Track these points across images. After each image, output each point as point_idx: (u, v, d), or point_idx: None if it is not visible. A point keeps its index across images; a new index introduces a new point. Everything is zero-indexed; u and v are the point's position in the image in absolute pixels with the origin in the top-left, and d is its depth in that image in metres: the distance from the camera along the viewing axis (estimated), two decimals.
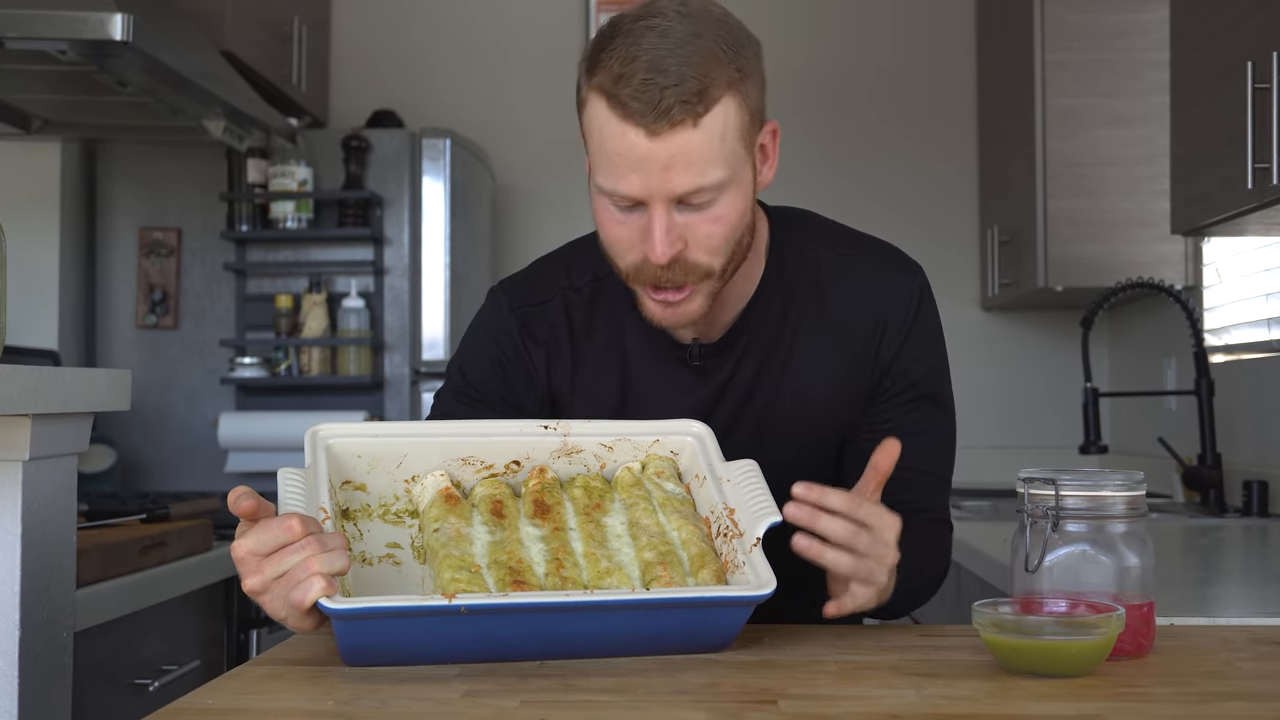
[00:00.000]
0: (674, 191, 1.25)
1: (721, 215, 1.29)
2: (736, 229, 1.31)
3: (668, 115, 1.23)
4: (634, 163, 1.25)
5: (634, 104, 1.23)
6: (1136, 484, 1.21)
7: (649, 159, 1.24)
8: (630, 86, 1.23)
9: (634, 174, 1.25)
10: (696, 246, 1.29)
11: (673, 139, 1.24)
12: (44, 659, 1.57)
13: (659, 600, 1.15)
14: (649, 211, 1.27)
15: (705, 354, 1.43)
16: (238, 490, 1.12)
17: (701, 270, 1.31)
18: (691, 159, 1.24)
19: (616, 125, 1.25)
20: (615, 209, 1.31)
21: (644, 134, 1.24)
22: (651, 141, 1.24)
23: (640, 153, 1.24)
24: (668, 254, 1.27)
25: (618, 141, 1.25)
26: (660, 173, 1.25)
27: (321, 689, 1.08)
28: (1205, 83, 2.33)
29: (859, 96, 4.07)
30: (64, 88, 2.77)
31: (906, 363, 1.43)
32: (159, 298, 3.41)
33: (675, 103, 1.22)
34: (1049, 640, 1.10)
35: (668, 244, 1.27)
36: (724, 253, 1.31)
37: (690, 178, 1.25)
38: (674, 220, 1.28)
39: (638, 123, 1.23)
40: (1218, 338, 3.18)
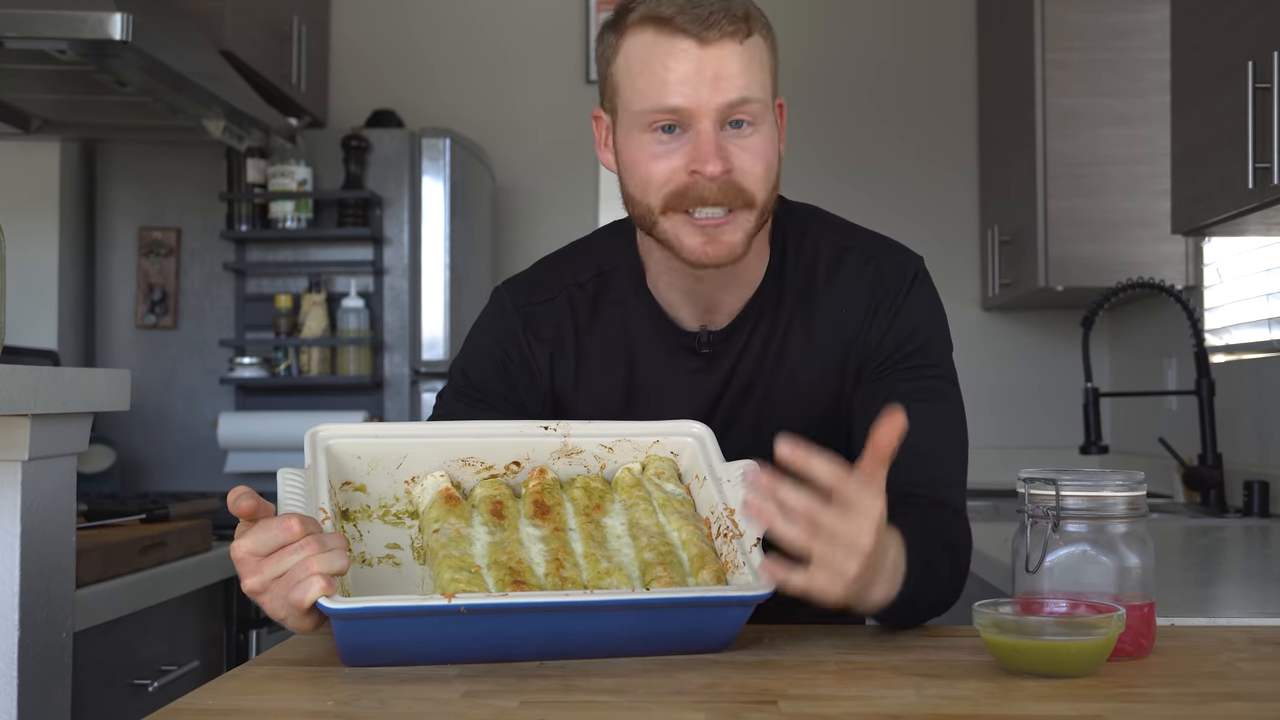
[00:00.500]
0: (725, 99, 1.29)
1: (760, 146, 1.32)
2: (773, 168, 1.34)
3: (718, 25, 1.29)
4: (685, 74, 1.29)
5: (682, 18, 1.29)
6: (1137, 484, 1.21)
7: (700, 68, 1.29)
8: (676, 5, 1.30)
9: (684, 85, 1.29)
10: (740, 171, 1.31)
11: (722, 48, 1.29)
12: (43, 659, 1.57)
13: (659, 600, 1.15)
14: (695, 130, 1.30)
15: (714, 340, 1.43)
16: (237, 490, 1.12)
17: (745, 195, 1.32)
18: (742, 69, 1.30)
19: (665, 43, 1.30)
20: (655, 141, 1.32)
21: (695, 43, 1.29)
22: (702, 49, 1.29)
23: (692, 62, 1.29)
24: (719, 167, 1.29)
25: (667, 57, 1.30)
26: (711, 81, 1.29)
27: (321, 689, 1.08)
28: (1206, 82, 2.33)
29: (859, 96, 4.07)
30: (63, 87, 2.77)
31: (899, 335, 1.41)
32: (158, 298, 3.41)
33: (724, 15, 1.29)
34: (1049, 641, 1.10)
35: (719, 157, 1.29)
36: (764, 185, 1.33)
37: (739, 87, 1.29)
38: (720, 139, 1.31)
39: (689, 33, 1.29)
40: (1218, 338, 3.18)
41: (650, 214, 1.35)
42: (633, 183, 1.35)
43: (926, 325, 1.43)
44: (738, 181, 1.31)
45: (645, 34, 1.31)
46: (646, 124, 1.32)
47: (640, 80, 1.31)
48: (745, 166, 1.32)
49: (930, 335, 1.43)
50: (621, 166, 1.37)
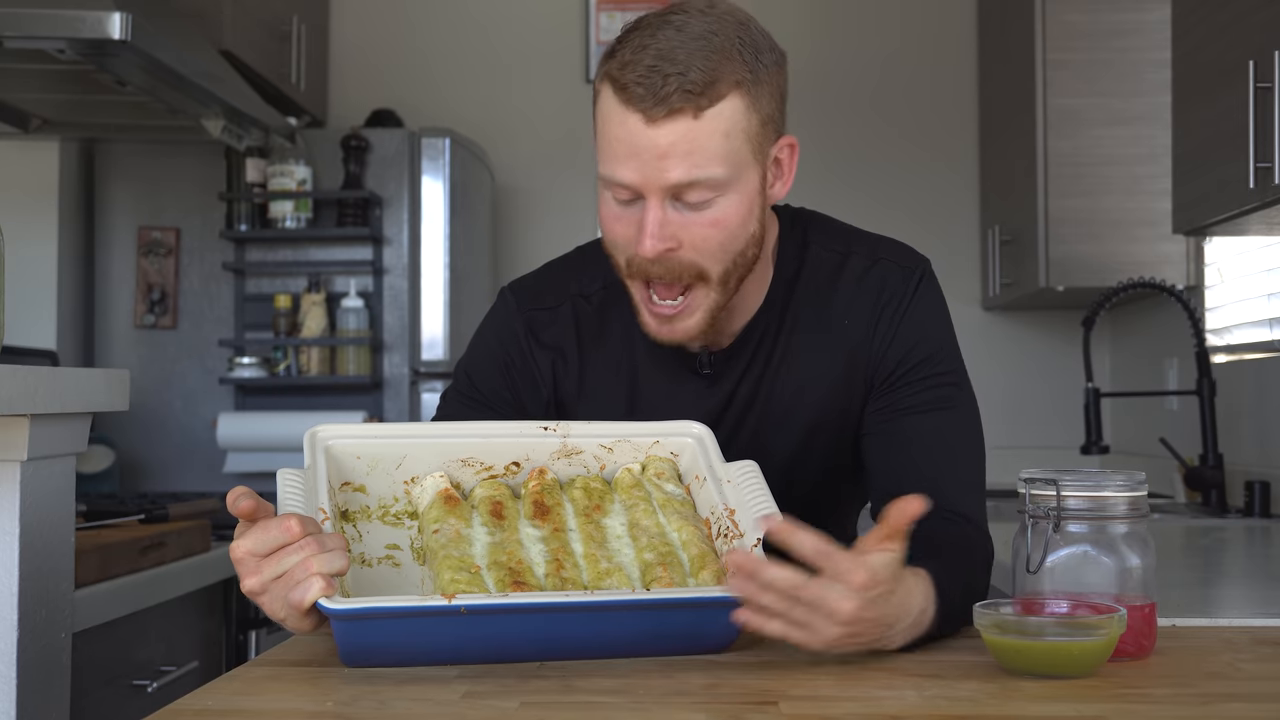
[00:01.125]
0: (668, 181, 1.25)
1: (719, 219, 1.28)
2: (736, 237, 1.30)
3: (666, 102, 1.22)
4: (632, 149, 1.25)
5: (636, 89, 1.23)
6: (1138, 484, 1.21)
7: (646, 146, 1.24)
8: (635, 72, 1.23)
9: (631, 160, 1.25)
10: (691, 247, 1.28)
11: (671, 127, 1.23)
12: (42, 660, 1.57)
13: (659, 600, 1.15)
14: (644, 204, 1.27)
15: (715, 362, 1.42)
16: (236, 490, 1.12)
17: (694, 271, 1.29)
18: (689, 150, 1.24)
19: (619, 111, 1.25)
20: (615, 203, 1.30)
21: (642, 120, 1.24)
22: (649, 128, 1.24)
23: (638, 139, 1.24)
24: (656, 249, 1.26)
25: (618, 127, 1.25)
26: (656, 161, 1.24)
27: (321, 690, 1.08)
28: (1207, 82, 2.33)
29: (860, 96, 4.07)
30: (62, 87, 2.77)
31: (905, 346, 1.40)
32: (157, 297, 3.40)
33: (676, 90, 1.22)
34: (1050, 641, 1.09)
35: (658, 238, 1.26)
36: (720, 259, 1.30)
37: (686, 169, 1.24)
38: (668, 216, 1.27)
39: (637, 108, 1.23)
40: (1219, 338, 3.18)
41: (619, 270, 1.34)
42: (603, 234, 1.35)
43: (933, 333, 1.42)
44: (685, 259, 1.28)
45: (607, 93, 1.27)
46: (605, 184, 1.30)
47: (601, 142, 1.29)
48: (696, 241, 1.28)
49: (937, 342, 1.42)
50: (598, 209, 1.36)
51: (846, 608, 1.08)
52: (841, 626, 1.09)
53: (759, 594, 1.08)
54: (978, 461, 1.41)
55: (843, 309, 1.42)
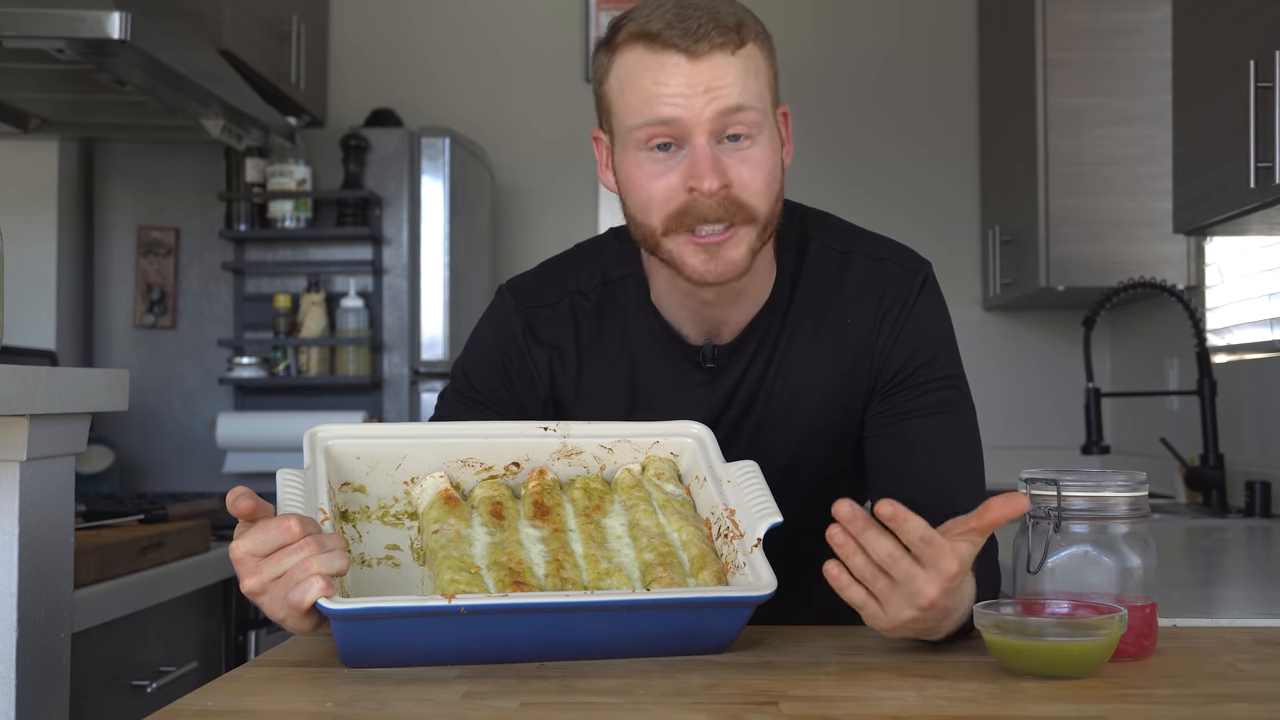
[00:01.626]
0: (719, 108, 1.27)
1: (760, 158, 1.30)
2: (773, 179, 1.32)
3: (706, 38, 1.27)
4: (676, 88, 1.27)
5: (670, 33, 1.27)
6: (1139, 484, 1.21)
7: (691, 81, 1.27)
8: (664, 20, 1.28)
9: (677, 98, 1.27)
10: (739, 185, 1.29)
11: (713, 60, 1.27)
12: (42, 660, 1.56)
13: (659, 600, 1.15)
14: (691, 147, 1.28)
15: (719, 355, 1.42)
16: (236, 491, 1.12)
17: (746, 211, 1.30)
18: (735, 79, 1.28)
19: (655, 58, 1.28)
20: (652, 161, 1.30)
21: (685, 57, 1.27)
22: (693, 63, 1.27)
23: (683, 75, 1.27)
24: (715, 182, 1.27)
25: (657, 72, 1.28)
26: (704, 94, 1.27)
27: (320, 690, 1.08)
28: (1208, 82, 2.33)
29: (860, 95, 4.06)
30: (62, 86, 2.77)
31: (907, 349, 1.40)
32: (157, 297, 3.40)
33: (713, 28, 1.27)
34: (1051, 642, 1.09)
35: (714, 173, 1.27)
36: (765, 198, 1.31)
37: (733, 95, 1.27)
38: (718, 154, 1.29)
39: (679, 48, 1.27)
40: (1220, 338, 3.17)
41: (653, 235, 1.33)
42: (633, 203, 1.34)
43: (935, 336, 1.42)
44: (737, 196, 1.29)
45: (635, 50, 1.29)
46: (642, 141, 1.30)
47: (632, 96, 1.29)
48: (744, 180, 1.29)
49: (939, 346, 1.42)
50: (621, 186, 1.35)
51: (930, 592, 1.10)
52: (918, 611, 1.11)
53: (853, 553, 1.11)
54: (979, 465, 1.42)
55: (846, 309, 1.42)
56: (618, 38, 1.31)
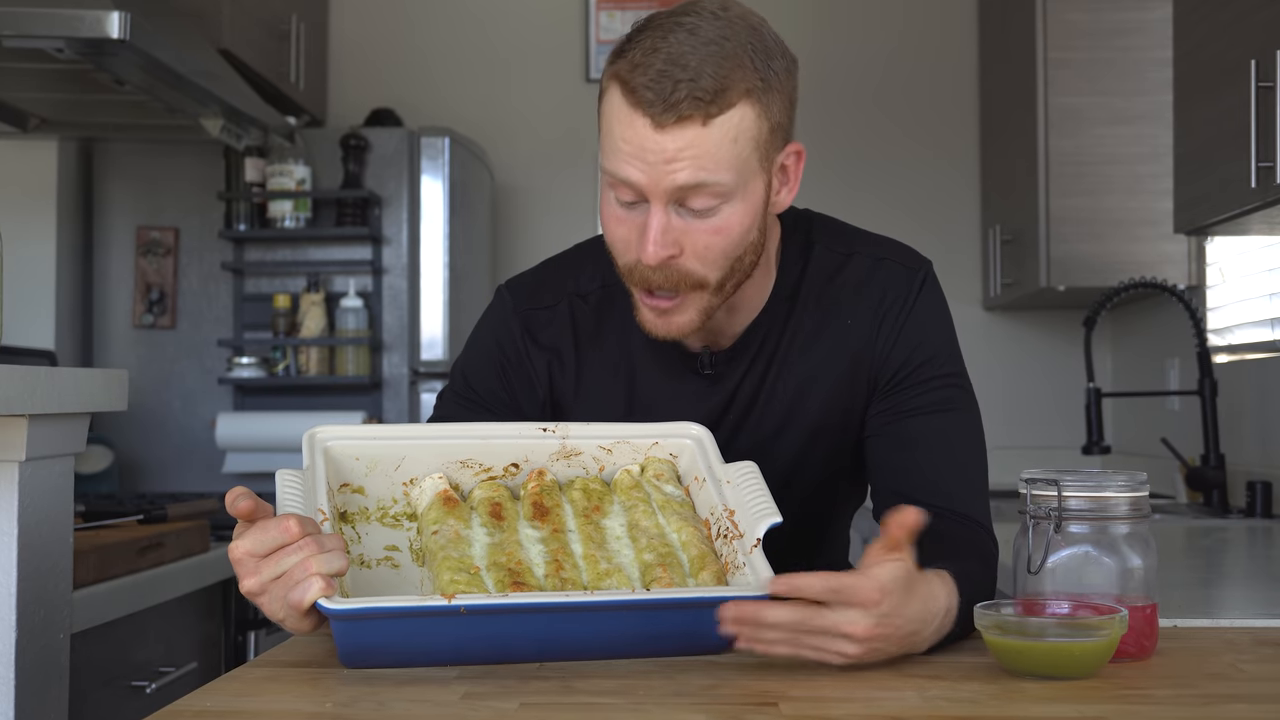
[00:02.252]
0: (674, 184, 1.24)
1: (723, 226, 1.27)
2: (738, 244, 1.29)
3: (676, 109, 1.21)
4: (638, 151, 1.24)
5: (645, 93, 1.22)
6: (1139, 485, 1.20)
7: (653, 150, 1.23)
8: (645, 76, 1.22)
9: (637, 161, 1.24)
10: (692, 255, 1.27)
11: (679, 133, 1.22)
12: (41, 661, 1.56)
13: (659, 600, 1.14)
14: (649, 209, 1.26)
15: (716, 362, 1.42)
16: (235, 491, 1.11)
17: (694, 280, 1.29)
18: (696, 155, 1.23)
19: (627, 113, 1.24)
20: (618, 205, 1.29)
21: (650, 124, 1.22)
22: (657, 133, 1.22)
23: (645, 143, 1.23)
24: (658, 255, 1.26)
25: (626, 129, 1.24)
26: (663, 165, 1.23)
27: (320, 691, 1.07)
28: (1208, 81, 2.33)
29: (861, 95, 4.06)
30: (61, 86, 2.77)
31: (907, 348, 1.40)
32: (156, 297, 3.40)
33: (686, 97, 1.21)
34: (1052, 642, 1.09)
35: (661, 244, 1.25)
36: (720, 267, 1.29)
37: (691, 173, 1.23)
38: (672, 222, 1.26)
39: (646, 112, 1.22)
40: (1221, 338, 3.17)
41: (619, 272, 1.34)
42: (604, 233, 1.34)
43: (935, 334, 1.42)
44: (683, 266, 1.27)
45: (616, 93, 1.26)
46: (608, 184, 1.29)
47: (606, 140, 1.28)
48: (699, 249, 1.27)
49: (939, 345, 1.41)
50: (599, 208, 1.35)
51: (861, 627, 1.09)
52: (860, 645, 1.09)
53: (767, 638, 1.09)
54: (981, 463, 1.41)
55: (845, 310, 1.42)
56: (613, 65, 1.27)
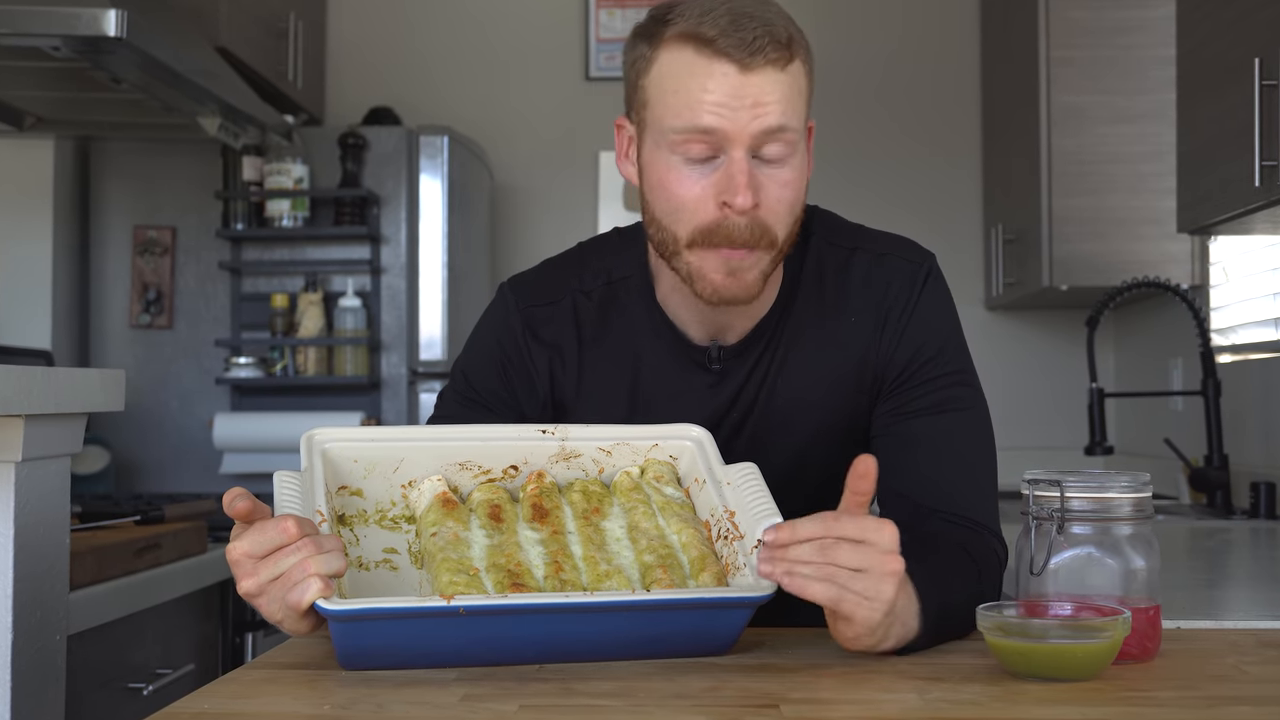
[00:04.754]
0: (762, 127, 1.25)
1: (791, 179, 1.29)
2: (799, 201, 1.31)
3: (761, 52, 1.24)
4: (724, 98, 1.25)
5: (724, 40, 1.24)
6: (1142, 485, 1.20)
7: (740, 94, 1.25)
8: (719, 26, 1.25)
9: (722, 108, 1.25)
10: (767, 206, 1.28)
11: (763, 75, 1.25)
12: (37, 663, 1.56)
13: (659, 601, 1.14)
14: (728, 159, 1.26)
15: (725, 356, 1.41)
16: (233, 492, 1.11)
17: (770, 234, 1.29)
18: (781, 97, 1.26)
19: (704, 64, 1.25)
20: (686, 165, 1.28)
21: (736, 68, 1.25)
22: (743, 75, 1.25)
23: (732, 86, 1.25)
24: (749, 200, 1.26)
25: (706, 78, 1.25)
26: (750, 108, 1.25)
27: (318, 693, 1.07)
28: (1212, 80, 2.32)
29: (863, 94, 4.06)
30: (57, 85, 2.76)
31: (912, 346, 1.39)
32: (153, 297, 3.39)
33: (768, 42, 1.25)
34: (1054, 644, 1.09)
35: (750, 189, 1.26)
36: (786, 224, 1.30)
37: (777, 114, 1.25)
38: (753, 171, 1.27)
39: (731, 57, 1.25)
40: (1224, 337, 3.16)
41: (674, 243, 1.31)
42: (659, 205, 1.31)
43: (940, 331, 1.41)
44: (763, 220, 1.28)
45: (684, 51, 1.26)
46: (677, 144, 1.28)
47: (675, 98, 1.27)
48: (772, 202, 1.28)
49: (944, 341, 1.40)
50: (646, 184, 1.33)
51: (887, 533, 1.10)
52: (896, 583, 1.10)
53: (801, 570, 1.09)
54: (989, 463, 1.40)
55: (849, 308, 1.41)
56: (666, 32, 1.28)
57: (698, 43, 1.25)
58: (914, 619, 1.17)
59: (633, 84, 1.33)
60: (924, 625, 1.17)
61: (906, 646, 1.18)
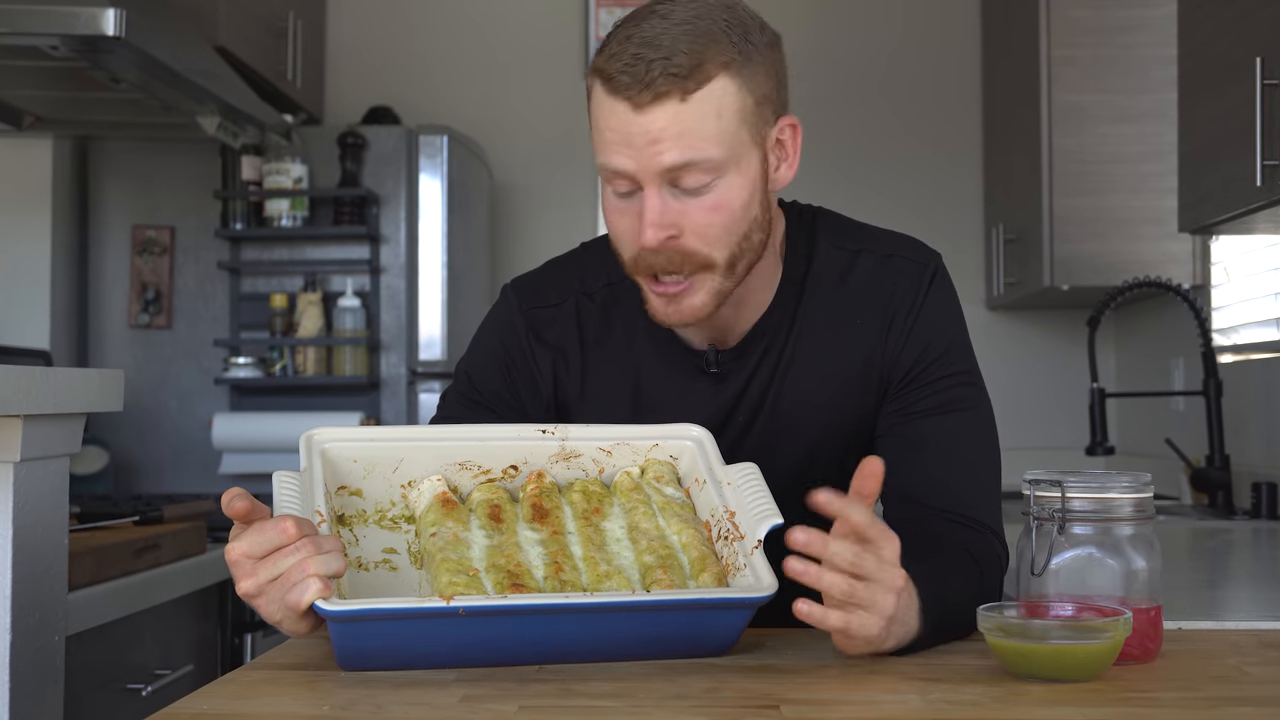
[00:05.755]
0: (662, 165, 1.24)
1: (720, 203, 1.27)
2: (739, 220, 1.29)
3: (651, 87, 1.22)
4: (623, 137, 1.24)
5: (621, 78, 1.23)
6: (1144, 486, 1.20)
7: (636, 133, 1.24)
8: (620, 62, 1.23)
9: (624, 148, 1.25)
10: (692, 234, 1.27)
11: (658, 112, 1.23)
12: (36, 663, 1.55)
13: (659, 602, 1.14)
14: (643, 194, 1.26)
15: (723, 360, 1.40)
16: (231, 492, 1.11)
17: (698, 260, 1.28)
18: (680, 133, 1.23)
19: (608, 102, 1.25)
20: (616, 198, 1.29)
21: (630, 107, 1.23)
22: (637, 114, 1.23)
23: (628, 126, 1.24)
24: (656, 237, 1.25)
25: (609, 117, 1.25)
26: (648, 146, 1.23)
27: (317, 694, 1.07)
28: (1213, 79, 2.32)
29: (864, 93, 4.05)
30: (56, 84, 2.76)
31: (918, 347, 1.38)
32: (152, 296, 3.39)
33: (660, 75, 1.22)
34: (1055, 645, 1.09)
35: (658, 226, 1.25)
36: (724, 245, 1.28)
37: (678, 152, 1.23)
38: (668, 204, 1.26)
39: (624, 96, 1.23)
40: (1226, 337, 3.16)
41: (626, 267, 1.33)
42: (610, 232, 1.34)
43: (946, 332, 1.40)
44: (686, 246, 1.27)
45: (597, 88, 1.27)
46: (605, 178, 1.29)
47: (596, 135, 1.29)
48: (698, 228, 1.27)
49: (950, 342, 1.40)
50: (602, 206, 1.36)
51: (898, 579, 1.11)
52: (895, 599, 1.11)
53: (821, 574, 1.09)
54: (993, 464, 1.40)
55: (854, 309, 1.40)
56: (593, 62, 1.28)
57: (603, 79, 1.25)
58: (914, 619, 1.16)
59: None
60: (925, 625, 1.17)
61: (907, 646, 1.18)
